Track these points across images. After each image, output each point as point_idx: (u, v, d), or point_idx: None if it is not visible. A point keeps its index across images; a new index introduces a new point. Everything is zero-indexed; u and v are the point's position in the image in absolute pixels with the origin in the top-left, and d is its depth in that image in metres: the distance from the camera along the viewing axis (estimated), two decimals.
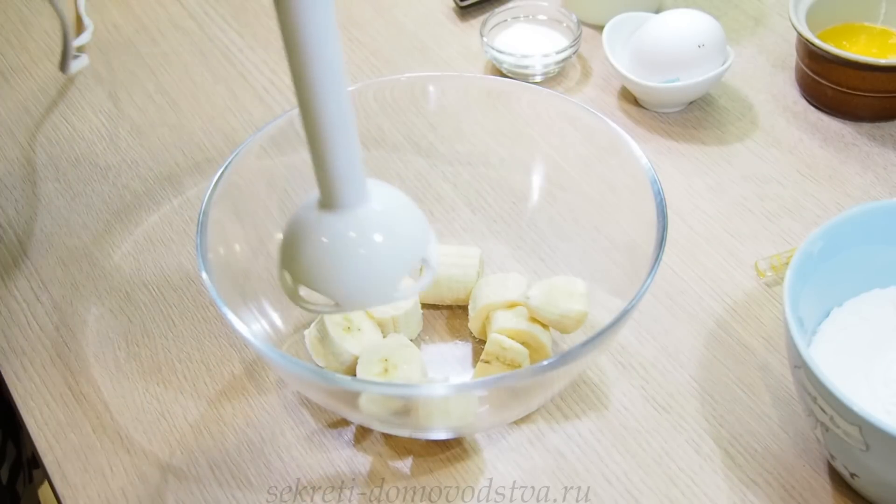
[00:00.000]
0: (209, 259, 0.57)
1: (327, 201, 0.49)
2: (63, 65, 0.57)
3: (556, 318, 0.61)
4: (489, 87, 0.69)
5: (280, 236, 0.65)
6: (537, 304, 0.61)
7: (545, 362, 0.52)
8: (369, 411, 0.57)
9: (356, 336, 0.62)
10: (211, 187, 0.60)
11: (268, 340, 0.61)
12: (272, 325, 0.63)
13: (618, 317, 0.53)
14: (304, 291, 0.51)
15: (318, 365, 0.62)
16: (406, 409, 0.57)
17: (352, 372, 0.62)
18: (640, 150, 0.61)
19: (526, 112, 0.64)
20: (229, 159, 0.62)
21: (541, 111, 0.65)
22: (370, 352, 0.61)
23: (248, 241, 0.64)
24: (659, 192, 0.58)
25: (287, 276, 0.51)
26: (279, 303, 0.64)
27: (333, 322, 0.62)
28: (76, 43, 0.88)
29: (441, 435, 0.60)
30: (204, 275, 0.56)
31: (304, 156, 0.67)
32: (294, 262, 0.50)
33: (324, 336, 0.62)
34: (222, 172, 0.61)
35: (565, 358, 0.53)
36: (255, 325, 0.61)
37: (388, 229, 0.50)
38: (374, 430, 0.61)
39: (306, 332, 0.63)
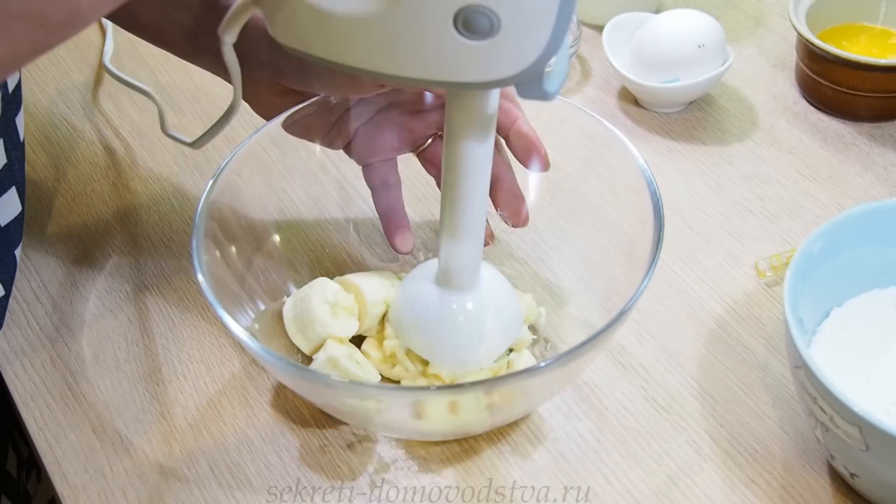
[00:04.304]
0: (205, 261, 0.57)
1: (449, 283, 0.58)
2: (200, 141, 0.62)
3: None
4: None
5: (277, 238, 0.65)
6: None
7: (542, 364, 0.53)
8: (369, 412, 0.57)
9: (341, 317, 0.61)
10: (208, 188, 0.60)
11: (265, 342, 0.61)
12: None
13: (614, 318, 0.53)
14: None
15: (293, 343, 0.61)
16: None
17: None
18: (636, 151, 0.61)
19: (525, 113, 0.64)
20: (227, 159, 0.62)
21: (539, 112, 0.65)
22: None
23: (247, 242, 0.64)
24: (655, 193, 0.58)
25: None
26: (275, 304, 0.64)
27: (320, 303, 0.61)
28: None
29: (439, 437, 0.60)
30: (200, 277, 0.56)
31: (303, 155, 0.67)
32: (409, 332, 0.59)
33: (304, 318, 0.61)
34: (220, 172, 0.61)
35: (562, 360, 0.52)
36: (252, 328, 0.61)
37: (493, 311, 0.59)
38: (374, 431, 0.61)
39: (284, 309, 0.62)
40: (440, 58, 0.43)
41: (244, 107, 0.66)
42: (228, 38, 0.52)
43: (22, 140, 0.69)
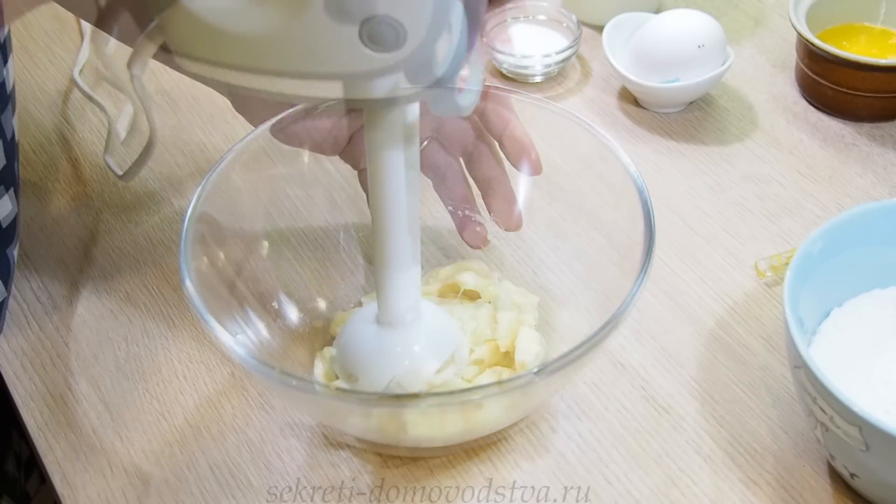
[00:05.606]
0: (193, 267, 0.57)
1: (388, 320, 0.58)
2: (128, 175, 0.60)
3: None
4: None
5: (269, 242, 0.65)
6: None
7: (534, 370, 0.52)
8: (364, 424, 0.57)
9: None
10: (198, 191, 0.60)
11: (254, 351, 0.60)
12: (258, 334, 0.62)
13: (604, 325, 0.53)
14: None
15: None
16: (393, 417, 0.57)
17: None
18: (628, 159, 0.60)
19: (523, 116, 0.64)
20: (218, 163, 0.61)
21: (533, 116, 0.65)
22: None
23: (238, 246, 0.64)
24: (646, 203, 0.58)
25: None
26: (264, 311, 0.64)
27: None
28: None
29: (433, 444, 0.60)
30: (187, 283, 0.55)
31: (297, 159, 0.67)
32: (352, 367, 0.59)
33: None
34: (210, 175, 0.61)
35: (552, 366, 0.52)
36: (241, 336, 0.60)
37: (431, 340, 0.59)
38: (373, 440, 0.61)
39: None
40: (349, 74, 0.44)
41: None
42: (137, 71, 0.51)
43: (15, 140, 0.69)
